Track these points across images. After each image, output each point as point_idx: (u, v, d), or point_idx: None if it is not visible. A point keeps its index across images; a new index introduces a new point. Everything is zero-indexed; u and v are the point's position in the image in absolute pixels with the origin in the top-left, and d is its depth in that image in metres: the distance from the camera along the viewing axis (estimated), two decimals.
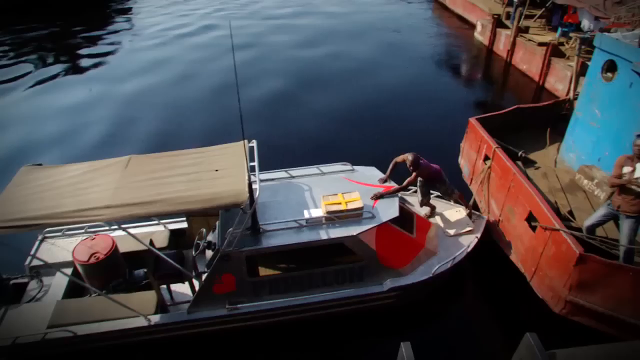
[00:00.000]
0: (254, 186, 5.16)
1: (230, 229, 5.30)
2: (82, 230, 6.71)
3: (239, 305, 5.70)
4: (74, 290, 6.15)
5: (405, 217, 6.37)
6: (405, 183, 6.36)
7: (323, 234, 5.53)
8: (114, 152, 5.99)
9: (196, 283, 5.98)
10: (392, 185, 6.50)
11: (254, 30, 20.63)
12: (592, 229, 5.96)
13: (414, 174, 6.39)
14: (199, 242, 5.81)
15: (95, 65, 17.09)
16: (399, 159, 6.59)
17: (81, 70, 16.69)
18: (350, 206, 5.70)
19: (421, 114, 12.78)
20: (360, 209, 5.73)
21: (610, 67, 6.96)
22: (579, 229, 5.99)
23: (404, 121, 12.29)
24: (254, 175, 5.54)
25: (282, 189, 6.35)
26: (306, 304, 5.83)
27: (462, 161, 8.56)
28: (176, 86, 14.98)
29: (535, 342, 1.92)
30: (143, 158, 5.79)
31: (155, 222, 7.00)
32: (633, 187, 5.26)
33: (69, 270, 5.99)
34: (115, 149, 10.75)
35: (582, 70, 9.06)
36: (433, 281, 6.16)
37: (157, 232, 6.75)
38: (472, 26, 20.15)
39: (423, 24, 22.41)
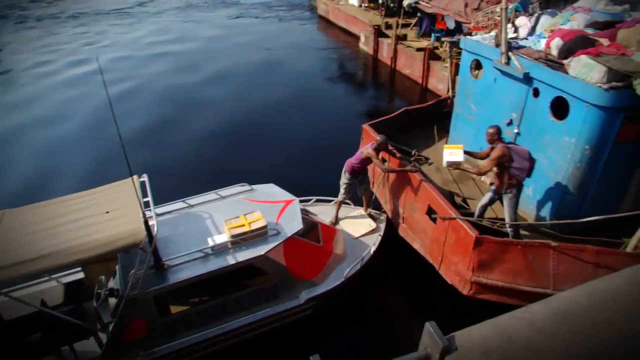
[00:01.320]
0: (150, 222, 4.92)
1: (132, 271, 4.96)
2: None
3: (154, 350, 5.35)
4: None
5: (310, 227, 6.46)
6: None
7: (231, 259, 5.41)
8: None
9: (103, 336, 5.48)
10: None
11: (129, 63, 19.61)
12: (483, 210, 6.52)
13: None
14: (99, 291, 5.38)
15: None
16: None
17: None
18: (254, 226, 5.64)
19: (316, 126, 13.04)
20: (264, 227, 5.70)
21: (477, 65, 7.74)
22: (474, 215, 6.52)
23: (299, 135, 12.47)
24: (150, 210, 5.28)
25: (182, 220, 6.12)
26: (224, 333, 5.65)
27: None
28: (49, 128, 13.61)
29: (435, 329, 2.00)
30: (20, 211, 5.23)
31: (46, 278, 6.32)
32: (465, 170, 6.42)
33: None
34: None
35: (456, 71, 9.94)
36: (346, 285, 6.30)
37: (49, 289, 6.09)
38: (357, 38, 21.20)
39: (310, 39, 23.11)
